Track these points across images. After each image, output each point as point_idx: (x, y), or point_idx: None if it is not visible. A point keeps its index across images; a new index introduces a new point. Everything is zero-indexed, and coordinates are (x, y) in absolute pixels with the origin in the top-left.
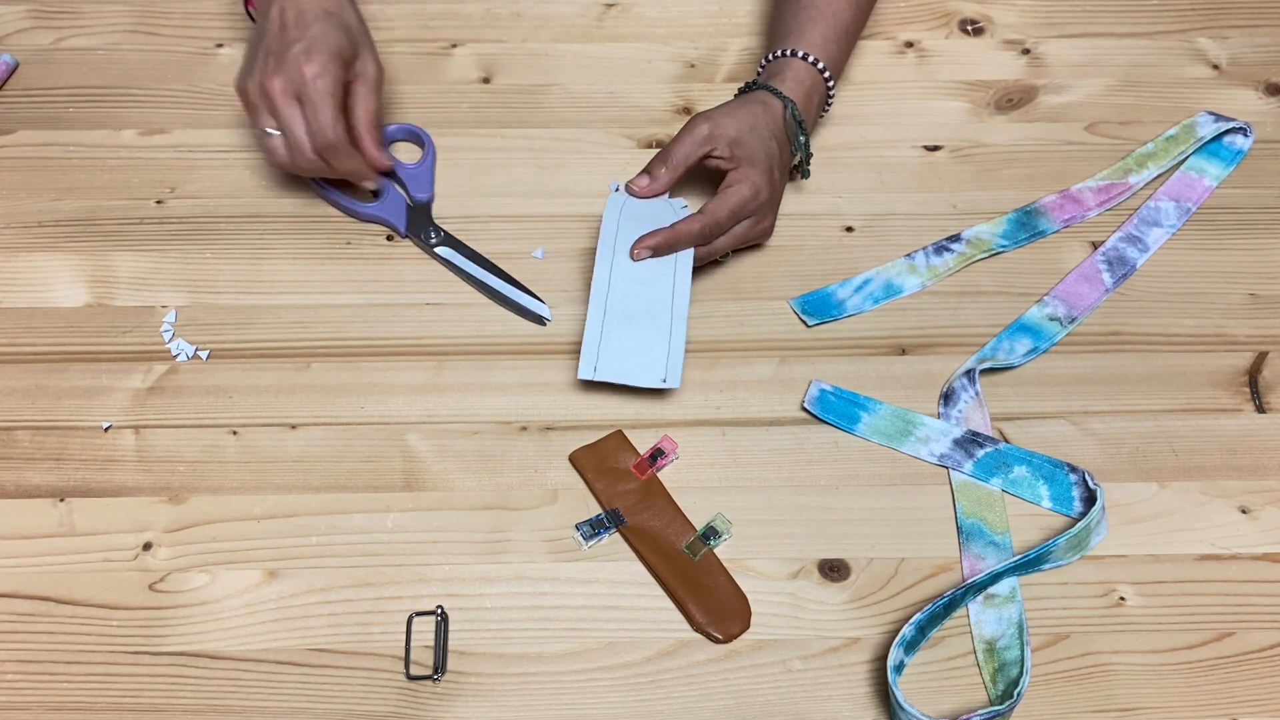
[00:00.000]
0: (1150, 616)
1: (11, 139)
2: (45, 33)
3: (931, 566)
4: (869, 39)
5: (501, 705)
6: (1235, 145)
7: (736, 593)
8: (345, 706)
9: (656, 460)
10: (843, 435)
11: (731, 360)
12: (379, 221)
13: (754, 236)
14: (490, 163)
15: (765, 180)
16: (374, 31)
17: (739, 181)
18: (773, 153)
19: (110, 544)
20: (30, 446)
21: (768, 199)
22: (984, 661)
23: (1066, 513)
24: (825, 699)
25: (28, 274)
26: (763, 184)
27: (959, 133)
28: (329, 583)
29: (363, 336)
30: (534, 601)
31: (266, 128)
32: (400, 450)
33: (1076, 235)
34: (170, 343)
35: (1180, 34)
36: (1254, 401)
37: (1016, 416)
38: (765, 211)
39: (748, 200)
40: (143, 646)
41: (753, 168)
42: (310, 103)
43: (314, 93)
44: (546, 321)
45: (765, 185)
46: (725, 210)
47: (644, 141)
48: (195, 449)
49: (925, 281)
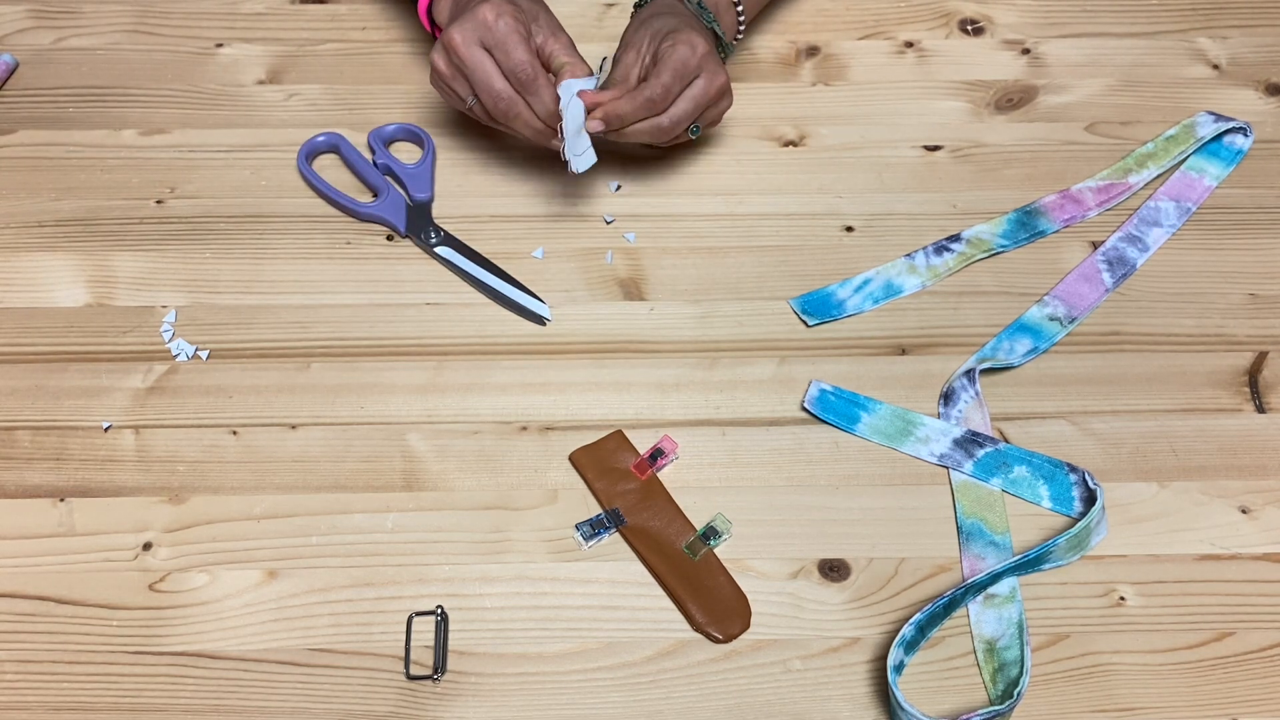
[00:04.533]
0: (1150, 616)
1: (11, 139)
2: (45, 33)
3: (931, 566)
4: (869, 39)
5: (501, 705)
6: (1235, 145)
7: (736, 593)
8: (345, 706)
9: (656, 460)
10: (843, 435)
11: (731, 360)
12: (379, 221)
13: (713, 97)
14: (490, 163)
15: (697, 37)
16: (372, 32)
17: (673, 46)
18: (694, 24)
19: (110, 544)
20: (30, 446)
21: (705, 52)
22: (984, 661)
23: (1066, 513)
24: (825, 699)
25: (28, 274)
26: (696, 40)
27: (959, 133)
28: (329, 583)
29: (363, 336)
30: (534, 601)
31: (465, 97)
32: (400, 450)
33: (1076, 235)
34: (170, 343)
35: (1180, 34)
36: (1254, 401)
37: (1016, 416)
38: (714, 66)
39: (686, 57)
40: (143, 646)
41: (680, 32)
42: (498, 44)
43: (498, 33)
44: (546, 321)
45: (699, 41)
46: (668, 73)
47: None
48: (195, 449)
49: (925, 281)
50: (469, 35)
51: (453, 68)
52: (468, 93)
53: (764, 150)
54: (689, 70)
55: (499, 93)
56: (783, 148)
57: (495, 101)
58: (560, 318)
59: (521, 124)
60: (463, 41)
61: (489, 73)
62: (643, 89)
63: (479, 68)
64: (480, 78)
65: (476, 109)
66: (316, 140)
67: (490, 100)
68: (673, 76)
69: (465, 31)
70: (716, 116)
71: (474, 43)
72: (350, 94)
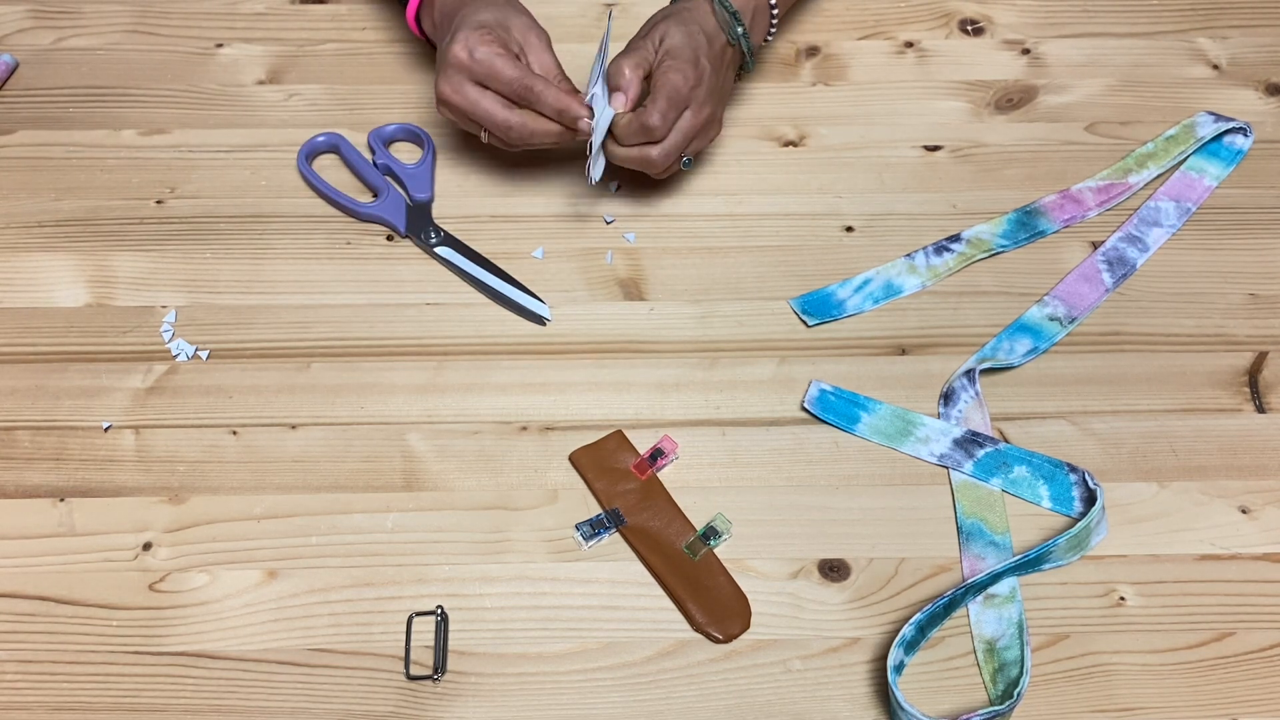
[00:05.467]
0: (1150, 616)
1: (11, 139)
2: (45, 33)
3: (931, 566)
4: (869, 39)
5: (501, 705)
6: (1235, 145)
7: (736, 593)
8: (345, 706)
9: (656, 460)
10: (843, 435)
11: (731, 360)
12: (379, 221)
13: (700, 128)
14: (490, 163)
15: (691, 67)
16: (372, 32)
17: (666, 72)
18: (699, 44)
19: (110, 544)
20: (30, 446)
21: (698, 84)
22: (984, 661)
23: (1066, 513)
24: (825, 699)
25: (28, 274)
26: (688, 70)
27: (959, 133)
28: (329, 583)
29: (363, 336)
30: (534, 601)
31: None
32: (400, 450)
33: (1076, 235)
34: (170, 343)
35: (1180, 34)
36: (1254, 401)
37: (1016, 416)
38: (704, 99)
39: (679, 86)
40: (143, 646)
41: (676, 59)
42: (485, 75)
43: (479, 65)
44: (546, 321)
45: (692, 71)
46: (663, 98)
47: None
48: (195, 449)
49: (925, 281)
50: (455, 82)
51: (458, 116)
52: (480, 130)
53: (764, 150)
54: (680, 99)
55: (508, 123)
56: (783, 148)
57: (508, 133)
58: (560, 318)
59: (541, 138)
60: (453, 91)
61: (490, 109)
62: (642, 114)
63: (477, 107)
64: (484, 116)
65: (496, 140)
66: (316, 140)
67: (503, 133)
68: (668, 103)
69: (450, 80)
70: (702, 146)
71: (463, 85)
72: (350, 94)
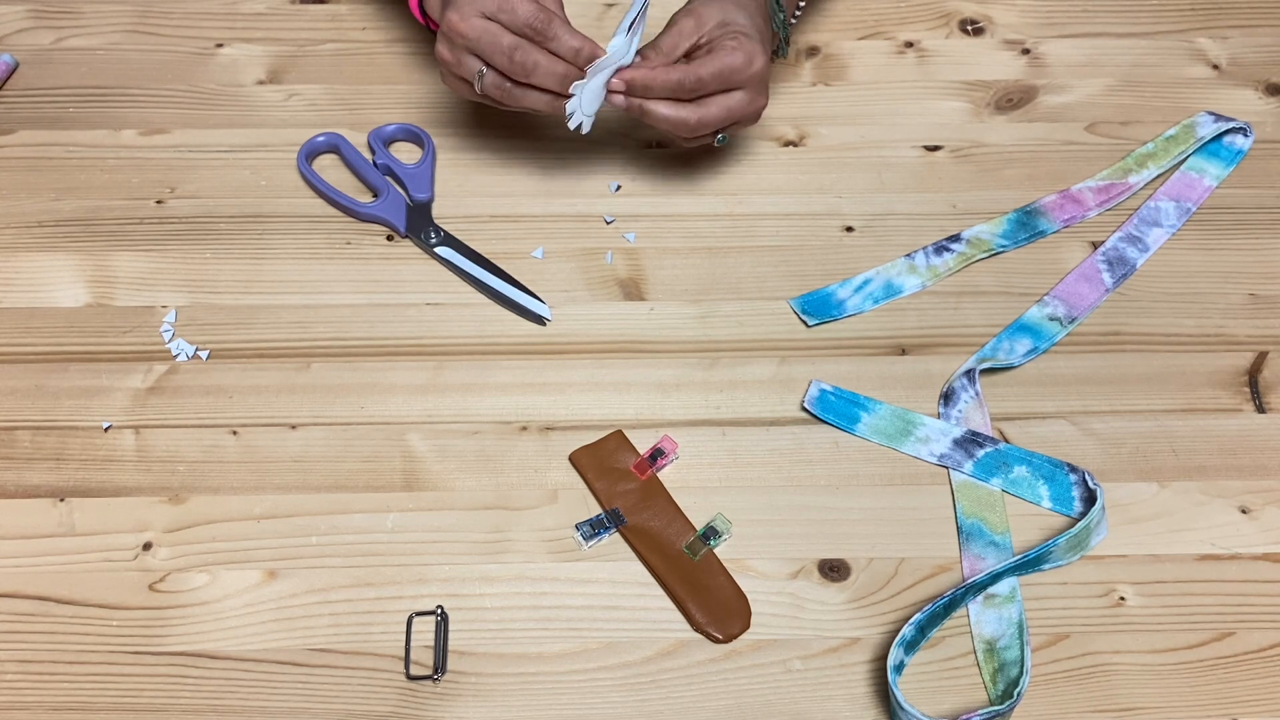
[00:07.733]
0: (1150, 616)
1: (11, 139)
2: (45, 33)
3: (931, 566)
4: (869, 39)
5: (501, 705)
6: (1235, 145)
7: (736, 593)
8: (345, 706)
9: (656, 460)
10: (843, 435)
11: (731, 360)
12: (379, 221)
13: (748, 115)
14: (490, 163)
15: (760, 51)
16: (372, 32)
17: (732, 49)
18: (762, 29)
19: (110, 544)
20: (30, 446)
21: (759, 71)
22: (984, 661)
23: (1066, 513)
24: (825, 699)
25: (28, 274)
26: (757, 54)
27: (959, 133)
28: (329, 583)
29: (363, 336)
30: (534, 601)
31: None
32: (400, 450)
33: (1076, 235)
34: (170, 343)
35: (1180, 34)
36: (1254, 401)
37: (1016, 416)
38: (759, 88)
39: (739, 67)
40: (143, 646)
41: (748, 39)
42: (500, 8)
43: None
44: (546, 321)
45: (760, 56)
46: (709, 69)
47: (644, 141)
48: (195, 449)
49: (925, 281)
50: (466, 10)
51: (457, 49)
52: (477, 67)
53: (764, 150)
54: (734, 79)
55: (511, 45)
56: (783, 148)
57: (510, 55)
58: (560, 318)
59: (541, 75)
60: (461, 17)
61: (494, 33)
62: (675, 69)
63: (484, 33)
64: (487, 41)
65: (490, 80)
66: (316, 140)
67: (504, 58)
68: (713, 76)
69: (461, 8)
70: (741, 130)
71: (473, 15)
72: (350, 94)
